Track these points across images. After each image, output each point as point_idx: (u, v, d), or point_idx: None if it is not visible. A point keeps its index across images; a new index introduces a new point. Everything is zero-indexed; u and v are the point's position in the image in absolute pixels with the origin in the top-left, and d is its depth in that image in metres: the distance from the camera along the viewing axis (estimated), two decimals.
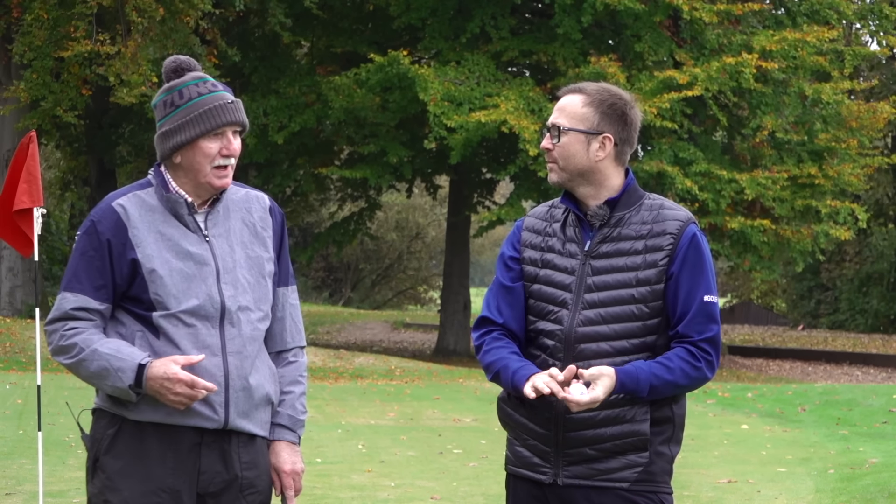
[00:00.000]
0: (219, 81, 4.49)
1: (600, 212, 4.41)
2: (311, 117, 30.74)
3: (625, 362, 4.33)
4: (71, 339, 4.30)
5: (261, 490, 4.47)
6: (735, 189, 29.11)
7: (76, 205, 43.08)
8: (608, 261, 4.38)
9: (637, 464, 4.36)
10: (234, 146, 4.37)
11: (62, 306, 4.35)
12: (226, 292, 4.37)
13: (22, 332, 26.73)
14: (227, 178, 4.41)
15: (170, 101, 4.39)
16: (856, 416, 17.75)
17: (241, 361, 4.38)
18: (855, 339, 45.26)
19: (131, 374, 4.22)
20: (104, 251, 4.35)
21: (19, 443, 13.51)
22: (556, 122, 4.42)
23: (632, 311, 4.35)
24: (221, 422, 4.34)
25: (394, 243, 62.29)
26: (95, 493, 4.36)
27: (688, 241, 4.36)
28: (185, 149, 4.36)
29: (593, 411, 4.32)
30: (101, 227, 4.37)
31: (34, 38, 27.64)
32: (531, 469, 4.44)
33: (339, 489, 11.31)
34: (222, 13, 29.44)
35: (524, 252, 4.51)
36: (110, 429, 4.35)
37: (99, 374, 4.26)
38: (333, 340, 40.58)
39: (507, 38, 30.40)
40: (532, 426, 4.42)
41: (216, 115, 4.35)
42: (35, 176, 9.51)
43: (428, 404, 19.53)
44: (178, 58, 4.46)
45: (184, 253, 4.36)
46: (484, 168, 35.22)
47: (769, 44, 29.17)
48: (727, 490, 11.85)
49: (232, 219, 4.48)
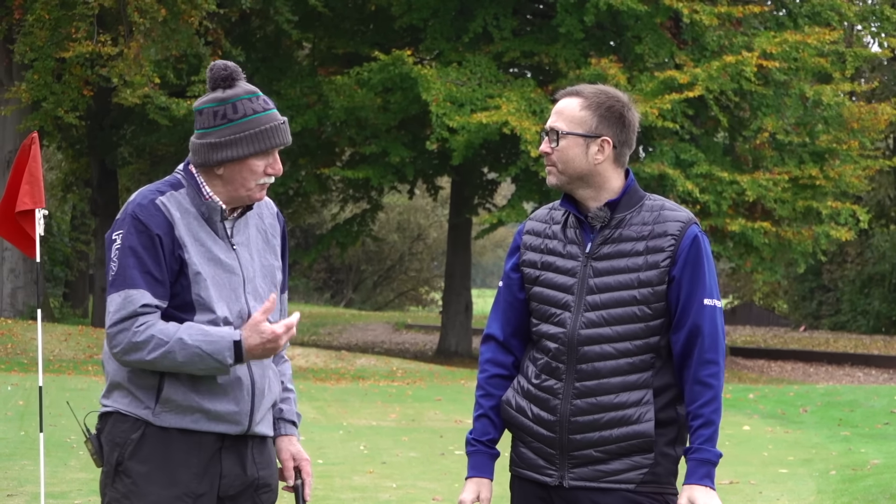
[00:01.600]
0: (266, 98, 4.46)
1: (601, 214, 4.40)
2: (313, 118, 30.74)
3: (628, 364, 4.34)
4: (144, 335, 4.22)
5: (273, 488, 4.54)
6: (736, 191, 29.10)
7: (77, 206, 43.09)
8: (609, 262, 4.38)
9: (642, 465, 4.36)
10: (278, 165, 4.38)
11: (128, 304, 4.23)
12: (251, 302, 4.39)
13: (24, 334, 26.74)
14: (264, 192, 4.43)
15: (221, 113, 4.34)
16: (857, 418, 17.75)
17: (262, 370, 4.44)
18: (857, 340, 45.23)
19: (230, 354, 4.23)
20: (157, 247, 4.28)
21: (21, 444, 13.52)
22: (555, 126, 4.42)
23: (634, 312, 4.34)
24: (245, 428, 4.39)
25: (395, 244, 62.27)
26: (118, 498, 4.34)
27: (689, 243, 4.35)
28: (233, 163, 4.34)
29: (596, 413, 4.33)
30: (148, 222, 4.29)
31: (36, 38, 27.64)
32: (536, 471, 4.45)
33: (340, 490, 11.32)
34: (226, 13, 29.44)
35: (524, 255, 4.51)
36: (134, 433, 4.33)
37: (190, 361, 4.22)
38: (335, 342, 40.57)
39: (508, 38, 30.39)
40: (536, 429, 4.42)
41: (270, 136, 4.35)
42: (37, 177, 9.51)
43: (429, 405, 19.53)
44: (228, 65, 4.40)
45: (216, 260, 4.36)
46: (485, 169, 35.22)
47: (770, 45, 29.16)
48: (729, 491, 11.85)
49: (250, 226, 4.50)
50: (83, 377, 21.16)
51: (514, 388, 4.51)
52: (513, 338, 4.55)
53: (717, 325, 4.36)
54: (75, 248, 43.43)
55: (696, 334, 4.34)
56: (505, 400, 4.52)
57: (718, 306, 4.38)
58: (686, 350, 4.36)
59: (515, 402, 4.48)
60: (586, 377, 4.36)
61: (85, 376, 21.29)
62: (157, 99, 27.13)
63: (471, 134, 27.88)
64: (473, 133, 27.85)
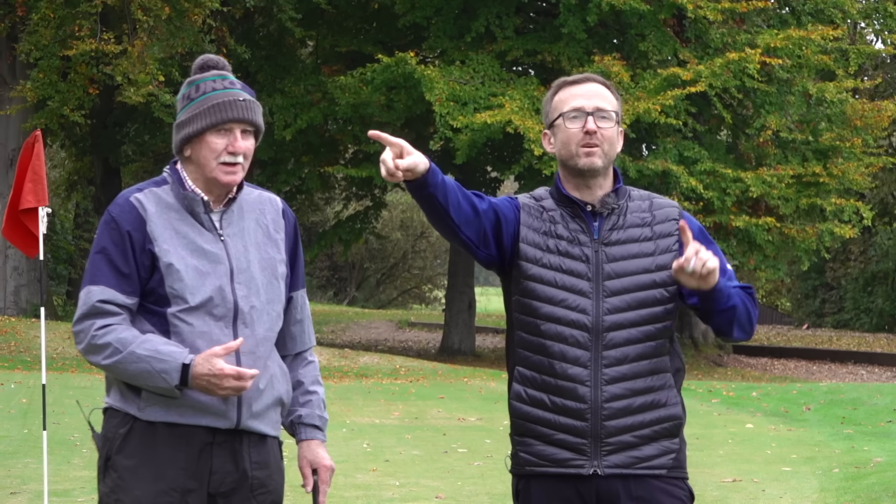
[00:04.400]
0: (238, 81, 4.50)
1: (609, 200, 4.42)
2: (318, 115, 30.76)
3: (651, 347, 4.35)
4: (104, 339, 4.26)
5: (271, 490, 4.47)
6: (740, 188, 29.09)
7: (81, 204, 43.10)
8: (622, 247, 4.39)
9: (671, 450, 4.37)
10: (239, 144, 4.36)
11: (88, 300, 4.29)
12: (239, 292, 4.37)
13: (27, 332, 26.76)
14: (235, 176, 4.39)
15: (187, 95, 4.42)
16: (861, 416, 17.74)
17: (254, 362, 4.38)
18: (860, 338, 45.20)
19: (176, 376, 4.22)
20: (126, 243, 4.32)
21: (24, 442, 13.53)
22: (602, 107, 4.42)
23: (655, 296, 4.37)
24: (234, 422, 4.36)
25: (398, 242, 62.26)
26: (107, 493, 4.36)
27: (691, 224, 4.40)
28: (194, 142, 4.37)
29: (629, 398, 4.33)
30: (120, 220, 4.34)
31: (41, 37, 27.63)
32: (561, 465, 4.35)
33: (343, 488, 11.32)
34: (230, 11, 29.44)
35: (521, 230, 4.45)
36: (122, 428, 4.34)
37: (140, 375, 4.24)
38: (338, 339, 40.58)
39: (511, 37, 30.38)
40: (560, 420, 4.34)
41: (223, 110, 4.35)
42: (40, 175, 9.52)
43: (433, 403, 19.53)
44: (208, 56, 4.48)
45: (199, 251, 4.36)
46: (489, 167, 35.22)
47: (774, 42, 29.15)
48: (732, 489, 11.85)
49: (246, 219, 4.49)
50: (86, 375, 21.17)
51: (518, 381, 4.40)
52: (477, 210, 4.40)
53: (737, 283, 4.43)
54: (79, 246, 43.43)
55: (731, 290, 4.36)
56: (514, 395, 4.41)
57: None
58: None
59: (528, 395, 4.39)
60: (615, 363, 4.33)
61: (88, 374, 21.30)
62: (161, 97, 27.13)
63: (474, 133, 27.88)
64: (477, 132, 27.85)
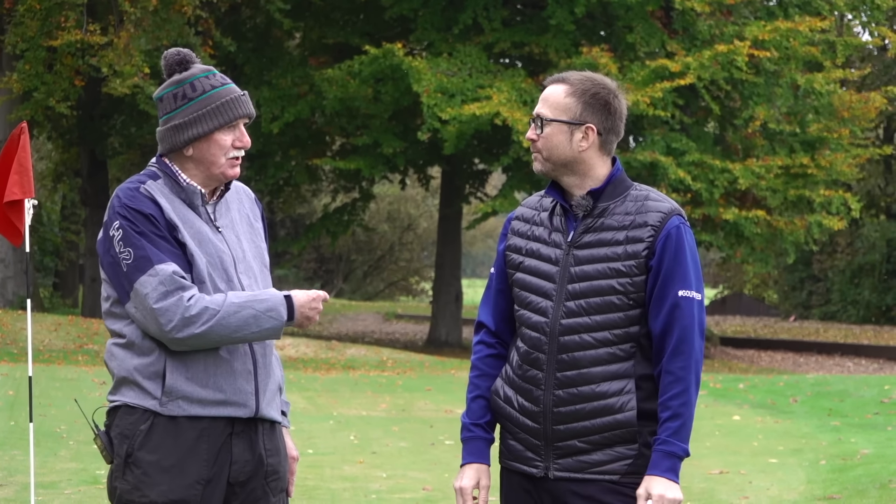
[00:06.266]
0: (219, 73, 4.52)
1: (583, 202, 4.38)
2: (305, 108, 30.71)
3: (608, 353, 4.30)
4: (197, 307, 4.23)
5: (281, 475, 4.54)
6: (728, 179, 29.12)
7: (68, 196, 43.01)
8: (590, 251, 4.35)
9: (626, 456, 4.33)
10: (246, 138, 4.42)
11: (165, 277, 4.23)
12: (244, 281, 4.43)
13: (13, 323, 26.70)
14: (238, 169, 4.46)
15: (181, 94, 4.39)
16: (847, 408, 17.78)
17: (264, 349, 4.46)
18: (846, 330, 45.29)
19: (283, 310, 4.30)
20: (158, 225, 4.30)
21: (11, 434, 13.49)
22: (540, 113, 4.40)
23: (612, 301, 4.30)
24: (254, 410, 4.40)
25: (386, 234, 62.19)
26: (129, 490, 4.35)
27: (668, 234, 4.30)
28: (200, 141, 4.38)
29: (578, 403, 4.31)
30: (140, 207, 4.31)
31: (27, 28, 27.56)
32: (524, 462, 4.43)
33: (330, 480, 11.32)
34: (217, 2, 29.36)
35: (510, 240, 4.49)
36: (142, 424, 4.34)
37: (245, 324, 4.26)
38: (325, 331, 40.56)
39: (499, 29, 30.36)
40: (522, 420, 4.40)
41: (232, 108, 4.39)
42: (26, 167, 9.48)
43: (420, 395, 19.53)
44: (181, 50, 4.46)
45: (207, 241, 4.39)
46: (476, 159, 35.21)
47: (761, 34, 29.17)
48: (719, 481, 11.87)
49: (233, 210, 4.54)
50: (73, 367, 21.13)
51: (501, 377, 4.48)
52: (504, 325, 4.53)
53: (693, 317, 4.27)
54: (65, 237, 43.36)
55: (671, 325, 4.27)
56: (494, 390, 4.49)
57: (697, 298, 4.29)
58: (660, 341, 4.29)
59: (503, 393, 4.46)
60: (567, 367, 4.32)
61: (75, 366, 21.27)
62: (147, 89, 27.06)
63: (462, 125, 27.87)
64: (465, 124, 27.84)
